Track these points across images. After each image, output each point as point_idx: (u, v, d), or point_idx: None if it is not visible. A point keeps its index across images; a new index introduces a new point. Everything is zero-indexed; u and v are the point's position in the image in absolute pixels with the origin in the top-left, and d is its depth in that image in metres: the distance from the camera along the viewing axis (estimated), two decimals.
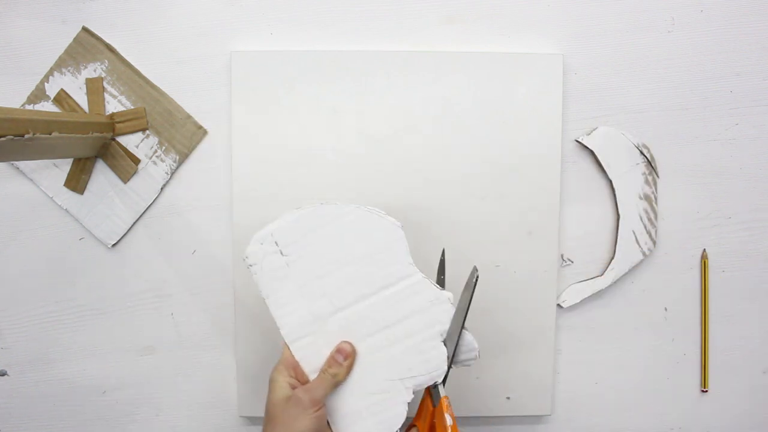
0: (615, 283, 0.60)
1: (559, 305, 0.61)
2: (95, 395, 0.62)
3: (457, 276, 0.59)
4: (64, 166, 0.59)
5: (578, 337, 0.62)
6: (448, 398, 0.47)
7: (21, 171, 0.59)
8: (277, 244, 0.49)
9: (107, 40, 0.58)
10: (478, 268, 0.50)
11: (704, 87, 0.60)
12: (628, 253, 0.60)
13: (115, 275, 0.60)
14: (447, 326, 0.48)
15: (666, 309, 0.62)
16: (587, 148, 0.59)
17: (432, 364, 0.48)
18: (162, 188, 0.59)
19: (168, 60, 0.59)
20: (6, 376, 0.62)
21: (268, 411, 0.47)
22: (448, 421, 0.46)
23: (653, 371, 0.62)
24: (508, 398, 0.60)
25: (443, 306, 0.48)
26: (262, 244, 0.49)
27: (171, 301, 0.61)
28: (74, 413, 0.62)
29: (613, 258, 0.60)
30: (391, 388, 0.48)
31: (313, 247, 0.49)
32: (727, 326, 0.62)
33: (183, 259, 0.60)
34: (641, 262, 0.60)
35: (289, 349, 0.49)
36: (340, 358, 0.48)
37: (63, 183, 0.59)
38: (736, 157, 0.61)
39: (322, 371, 0.48)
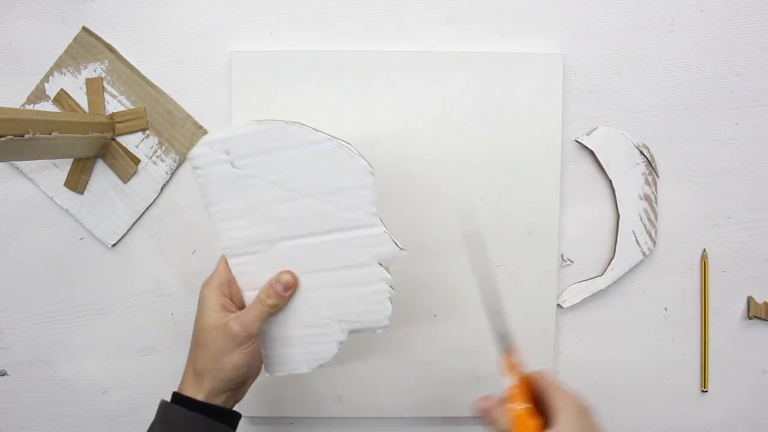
0: (615, 283, 0.60)
1: (559, 305, 0.61)
2: (95, 395, 0.62)
3: (454, 278, 0.59)
4: (64, 166, 0.59)
5: (578, 337, 0.62)
6: (510, 355, 0.43)
7: (21, 171, 0.59)
8: (228, 153, 0.45)
9: (107, 40, 0.58)
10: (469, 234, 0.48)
11: (704, 87, 0.60)
12: (628, 253, 0.60)
13: (115, 275, 0.60)
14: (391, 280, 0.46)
15: (666, 309, 0.62)
16: (587, 148, 0.59)
17: (374, 317, 0.47)
18: (162, 188, 0.59)
19: (168, 60, 0.59)
20: (6, 376, 0.62)
21: (196, 334, 0.45)
22: (507, 382, 0.42)
23: (653, 371, 0.62)
24: None
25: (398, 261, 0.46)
26: (211, 148, 0.46)
27: (171, 301, 0.61)
28: (74, 413, 0.62)
29: (613, 258, 0.60)
30: (328, 325, 0.47)
31: (270, 168, 0.45)
32: (727, 326, 0.62)
33: (183, 259, 0.60)
34: (641, 262, 0.60)
35: (225, 264, 0.47)
36: (280, 288, 0.45)
37: (63, 183, 0.59)
38: (736, 157, 0.61)
39: (259, 300, 0.45)
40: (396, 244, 0.46)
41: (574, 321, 0.61)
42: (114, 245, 0.60)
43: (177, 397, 0.44)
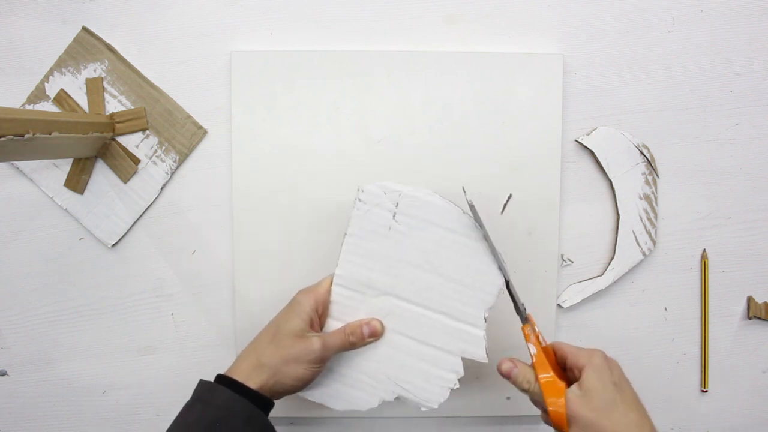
0: (615, 283, 0.60)
1: (559, 305, 0.61)
2: (95, 395, 0.62)
3: None
4: (64, 166, 0.59)
5: (578, 337, 0.62)
6: (529, 326, 0.47)
7: (21, 171, 0.59)
8: (396, 206, 0.49)
9: (107, 40, 0.58)
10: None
11: (704, 87, 0.60)
12: (628, 253, 0.60)
13: (115, 275, 0.60)
14: (456, 381, 0.50)
15: (666, 309, 0.62)
16: (587, 148, 0.59)
17: (428, 396, 0.50)
18: (162, 188, 0.59)
19: (168, 60, 0.59)
20: (6, 376, 0.62)
21: (275, 332, 0.47)
22: (532, 350, 0.46)
23: (653, 371, 0.62)
24: (508, 398, 0.60)
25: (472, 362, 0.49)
26: (384, 193, 0.49)
27: (171, 301, 0.61)
28: (74, 413, 0.62)
29: (613, 258, 0.60)
30: (383, 382, 0.50)
31: (423, 236, 0.49)
32: (727, 326, 0.62)
33: (183, 259, 0.60)
34: (641, 262, 0.60)
35: (329, 284, 0.50)
36: (367, 332, 0.48)
37: (63, 183, 0.59)
38: (736, 157, 0.61)
39: (343, 331, 0.48)
40: (486, 351, 0.49)
41: (574, 321, 0.61)
42: (114, 245, 0.60)
43: (221, 379, 0.45)
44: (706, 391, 0.62)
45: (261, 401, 0.45)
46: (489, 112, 0.58)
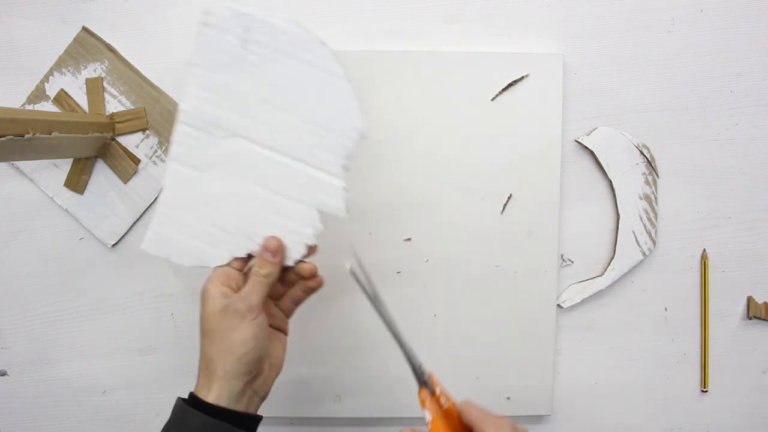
0: (615, 283, 0.60)
1: (559, 305, 0.60)
2: (95, 395, 0.62)
3: (454, 278, 0.59)
4: (64, 166, 0.59)
5: (578, 337, 0.62)
6: (425, 390, 0.43)
7: (21, 171, 0.59)
8: (246, 31, 0.43)
9: (107, 40, 0.58)
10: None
11: (704, 87, 0.60)
12: (628, 253, 0.60)
13: (115, 275, 0.60)
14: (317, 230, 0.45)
15: (666, 309, 0.62)
16: (587, 148, 0.59)
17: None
18: (162, 188, 0.59)
19: (168, 60, 0.59)
20: (6, 376, 0.62)
21: (203, 325, 0.44)
22: (427, 416, 0.42)
23: (653, 371, 0.62)
24: (508, 398, 0.60)
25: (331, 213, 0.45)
26: (232, 16, 0.43)
27: (171, 301, 0.61)
28: (74, 413, 0.62)
29: (613, 258, 0.60)
30: (233, 235, 0.45)
31: (277, 70, 0.43)
32: (727, 326, 0.62)
33: None
34: (641, 262, 0.60)
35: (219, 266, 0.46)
36: (269, 256, 0.44)
37: (63, 183, 0.59)
38: (736, 157, 0.61)
39: (253, 273, 0.44)
40: (346, 204, 0.44)
41: (574, 321, 0.61)
42: (114, 245, 0.60)
43: (194, 400, 0.43)
44: (706, 391, 0.62)
45: (239, 418, 0.42)
46: (489, 112, 0.58)
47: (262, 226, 0.45)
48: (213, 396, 0.41)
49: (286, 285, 0.48)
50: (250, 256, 0.46)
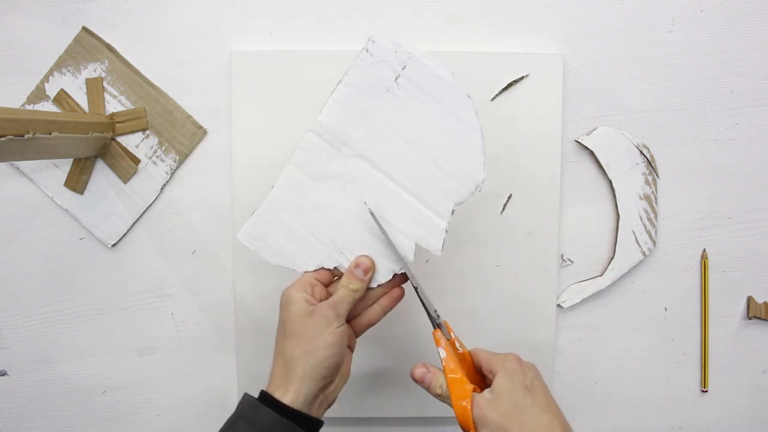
0: (615, 283, 0.60)
1: (559, 305, 0.61)
2: (95, 395, 0.62)
3: (454, 278, 0.59)
4: (64, 166, 0.59)
5: (578, 337, 0.62)
6: (439, 331, 0.46)
7: (21, 171, 0.59)
8: (402, 68, 0.46)
9: (107, 40, 0.58)
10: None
11: (704, 87, 0.60)
12: (628, 253, 0.60)
13: (115, 275, 0.60)
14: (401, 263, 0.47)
15: (666, 309, 0.62)
16: (587, 148, 0.59)
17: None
18: (162, 188, 0.59)
19: (168, 60, 0.59)
20: (6, 376, 0.62)
21: (285, 327, 0.45)
22: (441, 353, 0.44)
23: (653, 371, 0.62)
24: None
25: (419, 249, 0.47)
26: (396, 51, 0.46)
27: (171, 301, 0.61)
28: (74, 413, 0.62)
29: (613, 258, 0.60)
30: (324, 245, 0.48)
31: (418, 109, 0.46)
32: (727, 326, 0.62)
33: (183, 259, 0.60)
34: (641, 262, 0.60)
35: (308, 274, 0.48)
36: (360, 273, 0.46)
37: (63, 183, 0.59)
38: (736, 157, 0.61)
39: (342, 286, 0.46)
40: (443, 245, 0.46)
41: (574, 321, 0.61)
42: (114, 245, 0.60)
43: (264, 397, 0.44)
44: (706, 391, 0.62)
45: (306, 421, 0.43)
46: (489, 112, 0.58)
47: (357, 244, 0.47)
48: (290, 397, 0.43)
49: (365, 304, 0.49)
50: (335, 270, 0.48)
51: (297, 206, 0.48)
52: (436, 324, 0.46)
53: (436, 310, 0.47)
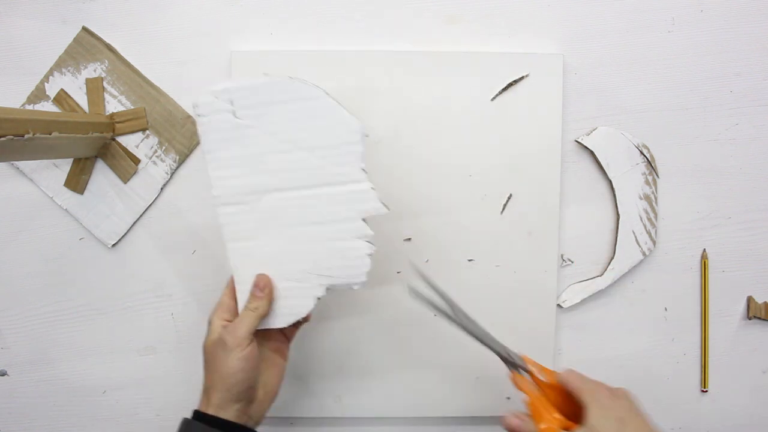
0: (615, 283, 0.60)
1: (559, 305, 0.61)
2: (95, 395, 0.62)
3: (454, 278, 0.59)
4: (64, 166, 0.59)
5: (578, 337, 0.62)
6: (516, 373, 0.46)
7: (21, 171, 0.59)
8: (232, 104, 0.47)
9: (107, 40, 0.58)
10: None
11: (704, 87, 0.60)
12: (628, 253, 0.60)
13: (115, 275, 0.60)
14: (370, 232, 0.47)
15: (666, 309, 0.62)
16: (587, 148, 0.59)
17: (353, 272, 0.48)
18: (162, 188, 0.59)
19: (168, 60, 0.59)
20: (6, 376, 0.62)
21: (204, 357, 0.47)
22: (525, 398, 0.45)
23: (653, 371, 0.62)
24: (508, 398, 0.60)
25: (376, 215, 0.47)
26: (216, 98, 0.47)
27: (171, 301, 0.61)
28: (74, 413, 0.62)
29: (613, 258, 0.60)
30: (306, 279, 0.48)
31: (269, 120, 0.47)
32: (727, 326, 0.62)
33: (183, 259, 0.60)
34: (641, 262, 0.60)
35: (228, 291, 0.49)
36: (256, 291, 0.47)
37: (63, 183, 0.59)
38: (736, 157, 0.61)
39: (244, 308, 0.47)
40: (381, 201, 0.47)
41: (574, 321, 0.61)
42: (114, 245, 0.60)
43: (197, 414, 0.46)
44: (706, 391, 0.62)
45: (239, 429, 0.45)
46: (489, 111, 0.58)
47: (324, 258, 0.48)
48: (212, 410, 0.45)
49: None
50: (329, 289, 0.48)
51: (258, 269, 0.48)
52: (512, 365, 0.46)
53: (507, 350, 0.46)
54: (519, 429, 0.44)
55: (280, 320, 0.49)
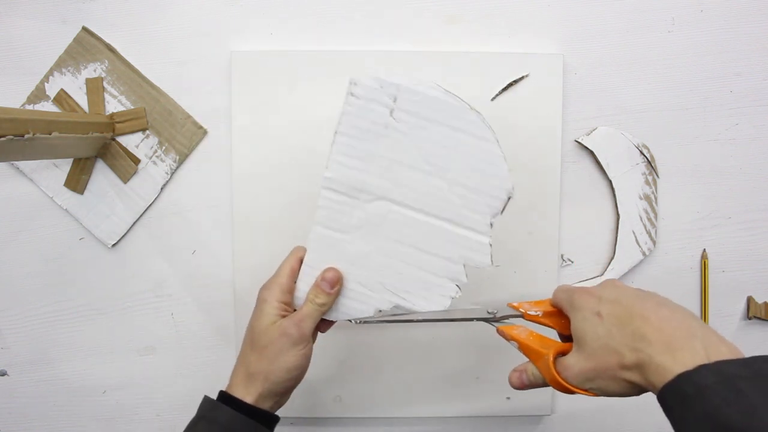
0: None
1: None
2: (95, 395, 0.62)
3: None
4: (64, 166, 0.59)
5: None
6: (500, 329, 0.45)
7: (21, 171, 0.59)
8: (394, 101, 0.44)
9: (107, 40, 0.58)
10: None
11: (704, 87, 0.60)
12: (628, 253, 0.60)
13: (115, 275, 0.60)
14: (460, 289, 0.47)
15: None
16: (587, 148, 0.59)
17: (426, 303, 0.47)
18: (162, 188, 0.59)
19: (168, 60, 0.59)
20: (6, 376, 0.62)
21: (252, 336, 0.45)
22: (514, 346, 0.44)
23: None
24: (508, 398, 0.60)
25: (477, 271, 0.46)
26: (380, 86, 0.44)
27: (171, 301, 0.61)
28: (74, 413, 0.62)
29: (613, 258, 0.60)
30: (378, 291, 0.47)
31: (426, 136, 0.44)
32: (727, 326, 0.62)
33: (183, 259, 0.60)
34: (641, 262, 0.60)
35: (287, 269, 0.47)
36: (327, 287, 0.46)
37: (63, 183, 0.59)
38: (736, 157, 0.61)
39: (309, 300, 0.46)
40: (491, 258, 0.46)
41: None
42: (114, 245, 0.60)
43: (224, 397, 0.45)
44: None
45: (264, 417, 0.44)
46: (489, 112, 0.58)
47: (408, 282, 0.47)
48: (248, 399, 0.44)
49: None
50: (395, 308, 0.48)
51: (334, 263, 0.47)
52: (497, 321, 0.46)
53: (487, 310, 0.47)
54: (522, 381, 0.43)
55: (332, 314, 0.48)
